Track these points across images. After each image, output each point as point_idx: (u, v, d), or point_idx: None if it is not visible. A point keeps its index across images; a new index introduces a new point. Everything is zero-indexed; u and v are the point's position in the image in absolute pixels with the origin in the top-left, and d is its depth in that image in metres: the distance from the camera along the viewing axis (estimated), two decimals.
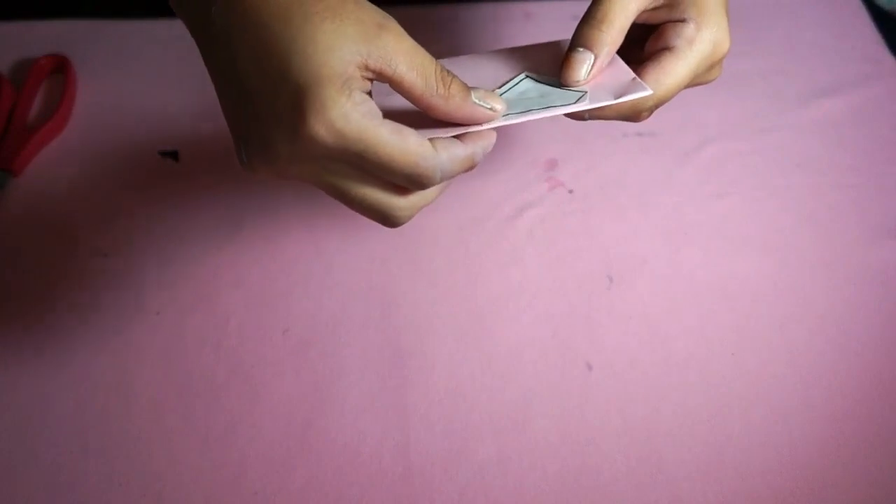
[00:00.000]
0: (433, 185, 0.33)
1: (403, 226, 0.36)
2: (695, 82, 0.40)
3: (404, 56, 0.32)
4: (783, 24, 0.69)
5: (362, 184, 0.33)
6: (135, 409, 0.47)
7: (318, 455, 0.46)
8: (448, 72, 0.33)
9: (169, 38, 0.68)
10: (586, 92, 0.37)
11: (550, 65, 0.39)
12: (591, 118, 0.38)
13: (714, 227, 0.56)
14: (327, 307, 0.52)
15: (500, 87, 0.38)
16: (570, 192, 0.57)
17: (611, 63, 0.38)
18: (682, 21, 0.38)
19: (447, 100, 0.33)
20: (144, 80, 0.65)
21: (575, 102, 0.37)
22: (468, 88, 0.34)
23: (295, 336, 0.51)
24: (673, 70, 0.38)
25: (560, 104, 0.36)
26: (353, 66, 0.31)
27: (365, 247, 0.54)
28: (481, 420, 0.47)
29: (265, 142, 0.31)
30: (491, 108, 0.34)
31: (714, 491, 0.44)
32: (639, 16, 0.38)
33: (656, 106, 0.39)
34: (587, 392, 0.48)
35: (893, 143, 0.60)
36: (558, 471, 0.45)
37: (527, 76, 0.39)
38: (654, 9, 0.38)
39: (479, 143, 0.35)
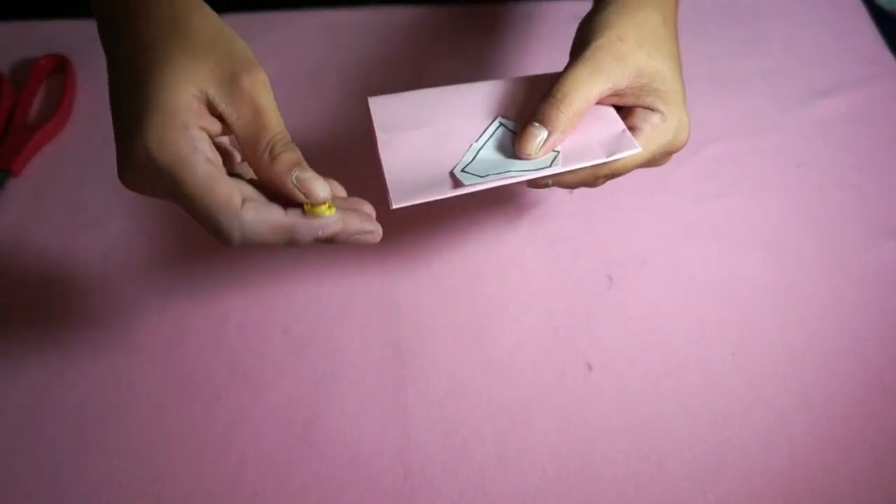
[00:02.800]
0: (232, 242, 0.33)
1: (403, 226, 0.36)
2: (649, 165, 0.42)
3: (249, 109, 0.33)
4: (783, 24, 0.69)
5: (195, 199, 0.33)
6: (135, 409, 0.48)
7: (318, 455, 0.46)
8: (289, 145, 0.34)
9: None
10: (558, 153, 0.39)
11: (525, 105, 0.41)
12: (554, 185, 0.40)
13: (714, 227, 0.56)
14: (327, 307, 0.52)
15: (476, 141, 0.40)
16: (570, 192, 0.57)
17: (602, 114, 0.40)
18: (651, 109, 0.40)
19: (266, 166, 0.34)
20: None
21: (549, 165, 0.38)
22: (295, 166, 0.34)
23: (295, 336, 0.51)
24: (632, 160, 0.40)
25: (532, 168, 0.38)
26: (198, 102, 0.32)
27: (365, 247, 0.54)
28: (481, 420, 0.47)
29: (119, 154, 0.34)
30: (304, 193, 0.34)
31: (714, 491, 0.44)
32: (605, 98, 0.40)
33: (611, 176, 0.41)
34: (587, 392, 0.48)
35: (893, 143, 0.60)
36: (558, 471, 0.45)
37: (501, 124, 0.41)
38: (621, 94, 0.40)
39: (313, 222, 0.34)
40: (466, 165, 0.38)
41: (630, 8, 0.40)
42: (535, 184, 0.40)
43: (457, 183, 0.38)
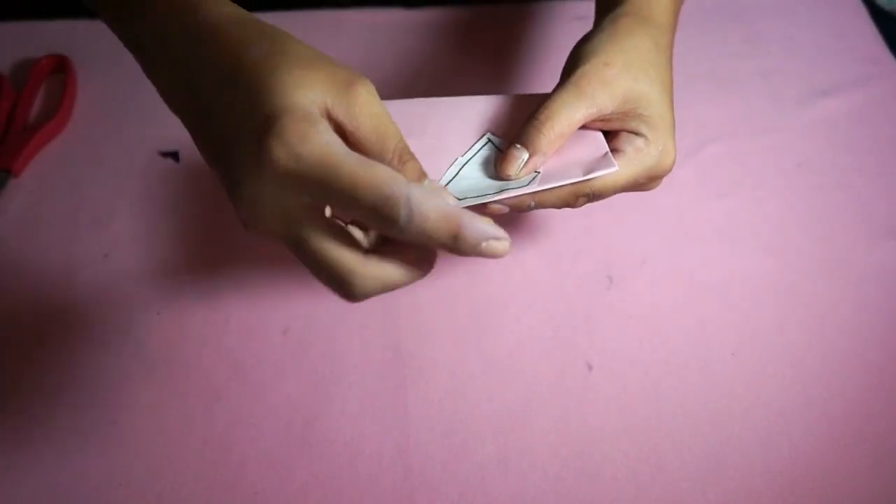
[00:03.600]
0: (399, 221, 0.29)
1: None
2: (632, 188, 0.41)
3: (369, 117, 0.32)
4: (783, 24, 0.69)
5: (324, 233, 0.31)
6: (135, 409, 0.48)
7: (318, 455, 0.46)
8: (409, 152, 0.33)
9: None
10: (538, 174, 0.39)
11: (516, 124, 0.41)
12: (536, 206, 0.40)
13: (714, 227, 0.56)
14: (327, 307, 0.52)
15: (462, 156, 0.40)
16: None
17: (587, 137, 0.40)
18: (635, 133, 0.40)
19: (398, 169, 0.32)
20: (144, 80, 0.65)
21: (527, 185, 0.38)
22: (422, 175, 0.33)
23: (295, 336, 0.51)
24: (615, 173, 0.39)
25: (512, 187, 0.38)
26: (317, 108, 0.31)
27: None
28: (481, 420, 0.47)
29: (235, 182, 0.31)
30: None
31: (714, 491, 0.44)
32: (591, 123, 0.39)
33: (593, 198, 0.40)
34: (587, 392, 0.48)
35: (893, 143, 0.60)
36: (558, 471, 0.45)
37: (489, 140, 0.41)
38: (607, 119, 0.40)
39: (483, 224, 0.30)
40: (448, 182, 0.38)
41: (620, 33, 0.40)
42: (518, 206, 0.39)
43: None
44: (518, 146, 0.38)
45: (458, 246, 0.29)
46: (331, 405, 0.48)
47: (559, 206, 0.40)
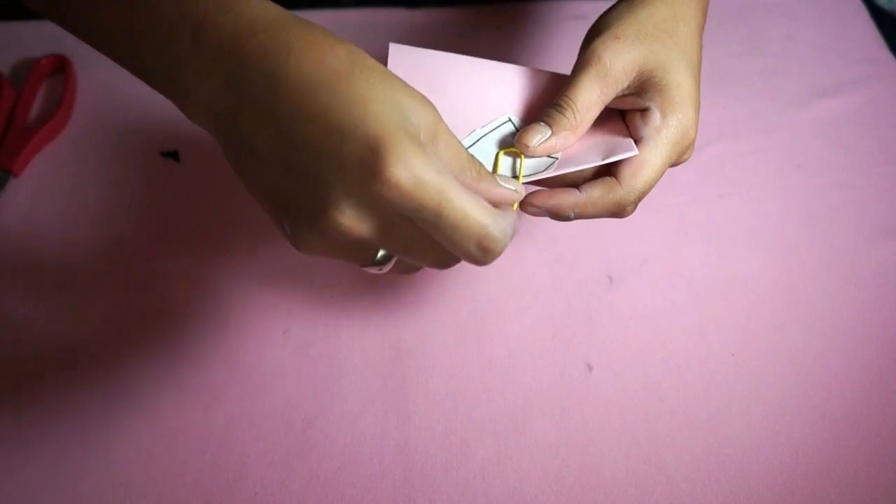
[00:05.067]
0: (497, 253, 0.30)
1: None
2: (670, 166, 0.40)
3: (444, 137, 0.31)
4: (783, 24, 0.69)
5: (431, 241, 0.31)
6: (135, 408, 0.47)
7: (318, 455, 0.46)
8: (474, 158, 0.32)
9: None
10: (555, 160, 0.38)
11: (538, 104, 0.40)
12: (576, 217, 0.38)
13: (714, 227, 0.56)
14: (327, 307, 0.52)
15: (482, 128, 0.39)
16: None
17: (609, 123, 0.39)
18: (647, 109, 0.38)
19: (478, 182, 0.32)
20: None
21: (545, 169, 0.38)
22: (491, 174, 0.33)
23: (295, 336, 0.51)
24: (648, 160, 0.38)
25: (530, 171, 0.38)
26: (412, 126, 0.29)
27: None
28: (481, 420, 0.47)
29: (320, 206, 0.29)
30: (515, 190, 0.33)
31: (714, 491, 0.44)
32: (615, 101, 0.39)
33: (640, 198, 0.39)
34: (587, 392, 0.48)
35: (893, 143, 0.61)
36: (558, 471, 0.45)
37: (510, 120, 0.40)
38: (624, 96, 0.39)
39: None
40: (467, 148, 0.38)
41: (636, 4, 0.39)
42: (556, 214, 0.38)
43: None
44: (542, 123, 0.37)
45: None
46: (331, 405, 0.48)
47: (603, 216, 0.39)
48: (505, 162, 0.38)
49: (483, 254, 0.30)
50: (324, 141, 0.28)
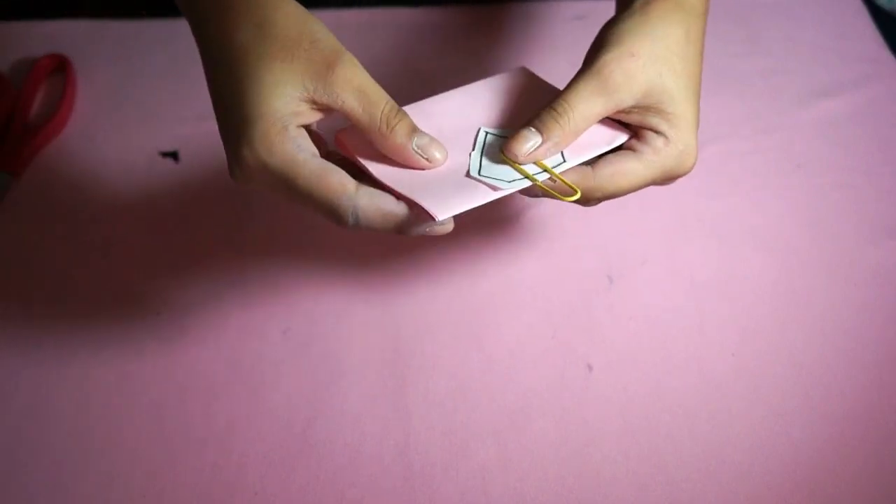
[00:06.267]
0: (347, 223, 0.35)
1: None
2: (648, 186, 0.40)
3: (354, 91, 0.35)
4: (783, 24, 0.69)
5: (300, 203, 0.36)
6: (135, 408, 0.47)
7: (318, 455, 0.46)
8: (400, 113, 0.36)
9: (169, 38, 0.68)
10: (563, 160, 0.38)
11: (512, 111, 0.40)
12: (544, 194, 0.38)
13: (714, 227, 0.56)
14: (327, 307, 0.52)
15: (473, 150, 0.39)
16: None
17: (603, 123, 0.39)
18: (655, 132, 0.38)
19: (385, 138, 0.36)
20: (144, 80, 0.65)
21: (560, 164, 0.38)
22: (413, 133, 0.36)
23: (295, 336, 0.51)
24: (631, 172, 0.38)
25: (542, 170, 0.37)
26: (298, 101, 0.34)
27: (365, 247, 0.54)
28: (481, 420, 0.47)
29: (229, 158, 0.35)
30: (427, 159, 0.37)
31: (714, 491, 0.44)
32: (613, 114, 0.38)
33: (603, 199, 0.39)
34: (587, 392, 0.48)
35: (893, 143, 0.60)
36: (558, 471, 0.45)
37: (486, 133, 0.40)
38: (627, 112, 0.38)
39: (418, 219, 0.36)
40: (480, 170, 0.38)
41: (651, 19, 0.38)
42: (531, 192, 0.38)
43: (490, 186, 0.37)
44: (532, 129, 0.37)
45: (405, 233, 0.36)
46: (331, 405, 0.48)
47: (563, 200, 0.39)
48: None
49: (336, 223, 0.35)
50: (225, 114, 0.35)
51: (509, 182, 0.37)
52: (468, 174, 0.37)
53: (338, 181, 0.34)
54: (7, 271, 0.54)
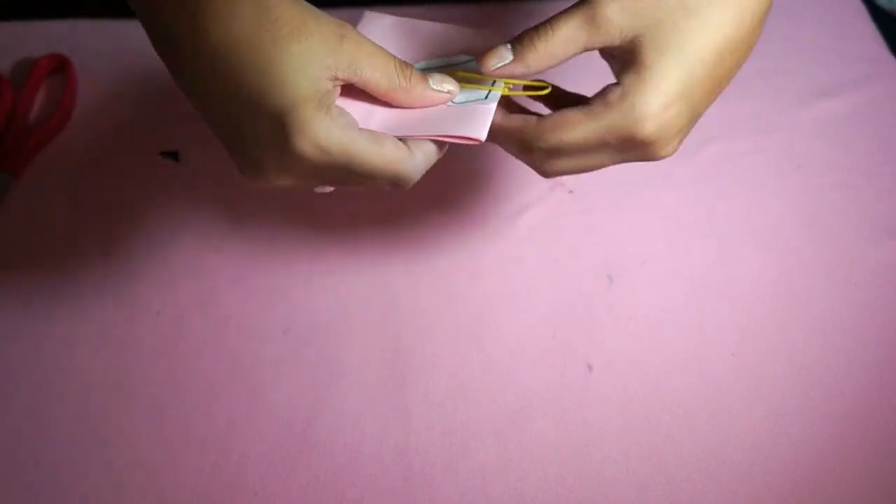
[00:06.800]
0: (413, 182, 0.36)
1: (403, 226, 0.36)
2: (601, 148, 0.36)
3: (367, 59, 0.34)
4: (783, 24, 0.69)
5: (356, 182, 0.36)
6: (135, 409, 0.48)
7: (318, 455, 0.46)
8: (405, 64, 0.36)
9: None
10: (491, 91, 0.38)
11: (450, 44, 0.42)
12: (489, 139, 0.38)
13: (714, 227, 0.55)
14: (327, 307, 0.52)
15: (438, 58, 0.40)
16: (571, 192, 0.57)
17: None
18: (616, 84, 0.35)
19: (409, 91, 0.36)
20: (144, 80, 0.65)
21: (485, 100, 0.38)
22: (425, 77, 0.37)
23: (295, 336, 0.51)
24: (574, 123, 0.35)
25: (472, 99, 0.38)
26: (325, 81, 0.33)
27: (365, 247, 0.54)
28: (481, 420, 0.47)
29: (254, 161, 0.34)
30: (447, 91, 0.37)
31: (714, 491, 0.44)
32: (604, 51, 0.36)
33: (548, 154, 0.36)
34: (587, 392, 0.48)
35: (893, 143, 0.60)
36: (558, 471, 0.45)
37: (430, 64, 0.40)
38: (609, 54, 0.36)
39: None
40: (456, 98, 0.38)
41: None
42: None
43: (480, 104, 0.37)
44: (507, 46, 0.36)
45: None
46: (331, 405, 0.48)
47: (511, 149, 0.38)
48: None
49: (398, 187, 0.36)
50: (242, 112, 0.33)
51: (486, 98, 0.38)
52: (451, 104, 0.38)
53: (394, 149, 0.34)
54: (7, 271, 0.54)
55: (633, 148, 0.36)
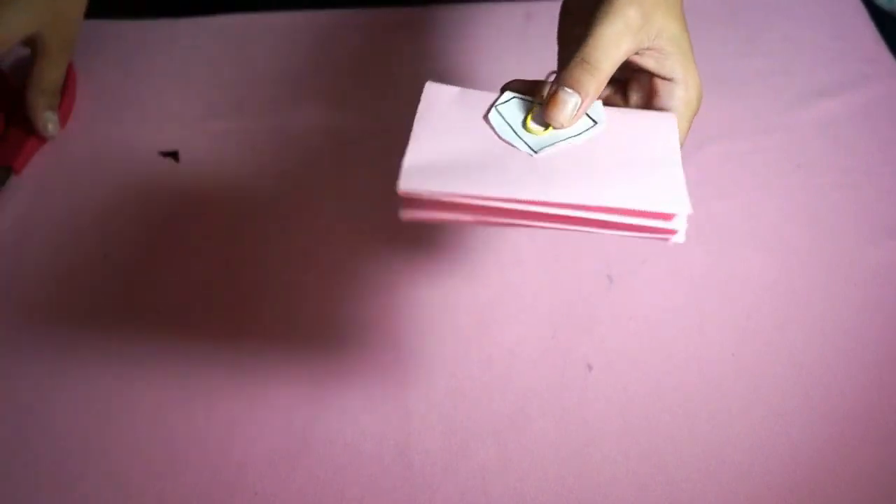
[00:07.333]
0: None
1: (403, 226, 0.35)
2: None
3: None
4: (783, 24, 0.69)
5: None
6: (135, 408, 0.47)
7: (318, 455, 0.46)
8: None
9: (169, 38, 0.68)
10: (595, 123, 0.36)
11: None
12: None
13: (714, 227, 0.56)
14: (327, 307, 0.52)
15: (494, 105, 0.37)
16: None
17: (658, 141, 0.36)
18: (672, 80, 0.39)
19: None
20: (144, 80, 0.65)
21: (588, 129, 0.36)
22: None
23: (295, 336, 0.51)
24: (680, 131, 0.38)
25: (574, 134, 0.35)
26: None
27: (365, 247, 0.54)
28: (481, 420, 0.47)
29: None
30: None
31: (714, 491, 0.44)
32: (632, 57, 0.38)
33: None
34: (587, 392, 0.48)
35: (893, 143, 0.60)
36: (558, 471, 0.45)
37: (498, 113, 0.37)
38: (641, 54, 0.38)
39: None
40: (537, 147, 0.35)
41: None
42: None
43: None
44: (567, 90, 0.35)
45: None
46: (331, 405, 0.48)
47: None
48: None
49: None
50: None
51: (564, 140, 0.35)
52: (534, 153, 0.34)
53: None
54: (7, 271, 0.54)
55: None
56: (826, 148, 0.60)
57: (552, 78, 0.38)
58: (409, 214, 0.32)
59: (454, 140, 0.34)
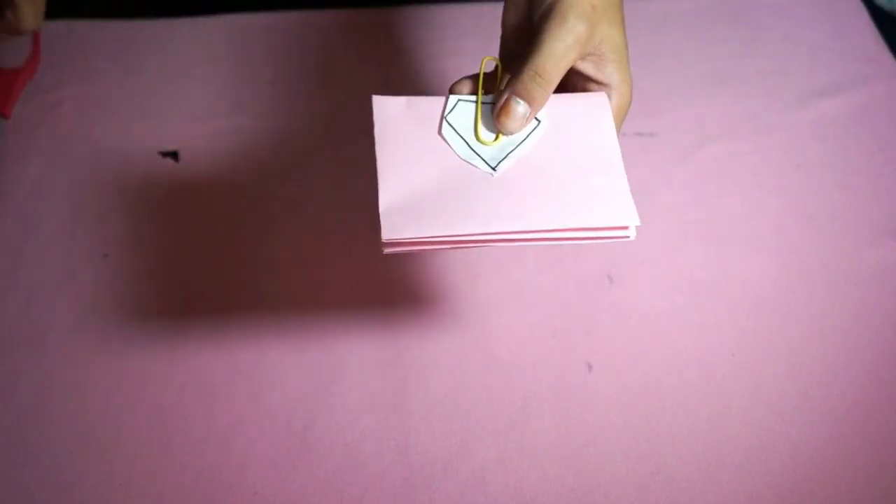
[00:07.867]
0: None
1: None
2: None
3: None
4: (783, 24, 0.69)
5: None
6: (135, 408, 0.47)
7: (318, 455, 0.46)
8: None
9: (169, 38, 0.68)
10: (539, 122, 0.38)
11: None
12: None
13: (714, 227, 0.56)
14: (327, 307, 0.52)
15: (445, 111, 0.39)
16: None
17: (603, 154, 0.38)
18: (607, 86, 0.40)
19: None
20: (144, 80, 0.65)
21: (529, 135, 0.38)
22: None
23: (295, 336, 0.51)
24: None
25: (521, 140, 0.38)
26: None
27: (365, 247, 0.54)
28: (481, 420, 0.47)
29: None
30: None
31: (714, 491, 0.44)
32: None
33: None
34: (587, 392, 0.48)
35: (893, 143, 0.61)
36: (558, 471, 0.45)
37: (459, 100, 0.39)
38: (583, 59, 0.39)
39: None
40: (495, 162, 0.37)
41: None
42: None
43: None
44: (517, 99, 0.37)
45: None
46: (331, 405, 0.48)
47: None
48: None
49: None
50: None
51: (515, 149, 0.37)
52: (493, 171, 0.37)
53: None
54: (7, 272, 0.54)
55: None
56: (826, 148, 0.60)
57: (488, 65, 0.40)
58: (391, 251, 0.35)
59: (418, 171, 0.37)
